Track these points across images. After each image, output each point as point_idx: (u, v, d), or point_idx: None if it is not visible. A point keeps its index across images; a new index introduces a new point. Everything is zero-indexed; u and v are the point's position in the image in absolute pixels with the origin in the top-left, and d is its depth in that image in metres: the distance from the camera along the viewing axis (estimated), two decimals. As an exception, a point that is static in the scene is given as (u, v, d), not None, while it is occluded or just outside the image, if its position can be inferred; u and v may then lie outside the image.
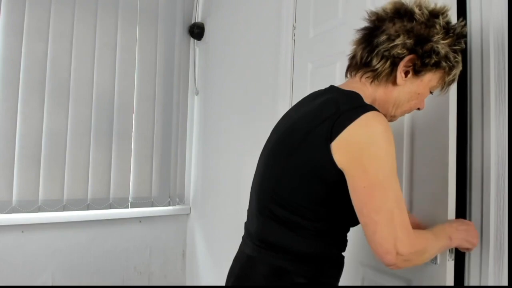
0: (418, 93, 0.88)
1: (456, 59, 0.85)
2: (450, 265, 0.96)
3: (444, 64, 0.84)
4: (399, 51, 0.83)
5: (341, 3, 1.49)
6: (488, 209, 0.98)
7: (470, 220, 1.03)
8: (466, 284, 1.03)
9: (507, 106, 0.97)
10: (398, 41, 0.82)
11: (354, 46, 0.91)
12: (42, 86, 1.96)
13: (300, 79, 1.69)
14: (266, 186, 0.88)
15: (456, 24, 0.86)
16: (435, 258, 1.00)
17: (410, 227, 0.76)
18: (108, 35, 2.16)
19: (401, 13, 0.84)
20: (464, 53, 1.07)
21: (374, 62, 0.85)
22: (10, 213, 1.86)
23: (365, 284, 1.27)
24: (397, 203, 0.75)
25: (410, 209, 1.14)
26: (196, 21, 2.52)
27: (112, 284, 2.12)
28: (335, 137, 0.76)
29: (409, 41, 0.82)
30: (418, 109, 0.94)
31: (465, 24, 0.87)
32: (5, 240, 1.84)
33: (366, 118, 0.76)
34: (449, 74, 0.87)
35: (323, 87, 0.99)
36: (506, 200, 0.96)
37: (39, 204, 1.94)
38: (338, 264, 0.91)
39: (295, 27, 1.73)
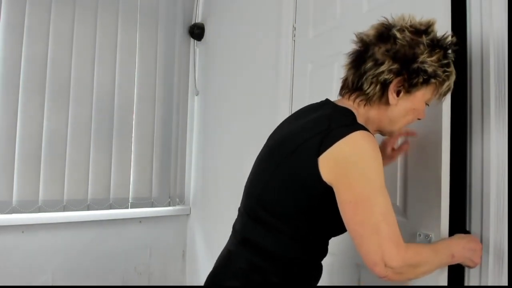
0: (414, 108, 0.90)
1: (446, 73, 0.86)
2: (443, 265, 0.96)
3: (433, 80, 0.85)
4: (386, 76, 0.84)
5: (339, 4, 1.49)
6: (488, 209, 0.98)
7: (469, 221, 1.04)
8: (466, 284, 1.03)
9: (507, 108, 0.97)
10: (383, 67, 0.84)
11: (346, 70, 0.94)
12: (42, 86, 1.96)
13: (300, 80, 1.69)
14: (255, 189, 0.93)
15: (442, 37, 0.86)
16: None
17: (400, 240, 0.78)
18: (108, 35, 2.16)
19: (384, 37, 0.86)
20: (464, 57, 1.07)
21: (365, 86, 0.87)
22: (10, 213, 1.86)
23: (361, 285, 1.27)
24: (384, 217, 0.77)
25: (404, 211, 1.14)
26: (196, 21, 2.52)
27: (112, 285, 2.12)
28: (323, 152, 0.79)
29: (394, 66, 0.84)
30: (419, 119, 0.95)
31: (451, 35, 0.88)
32: (5, 240, 1.84)
33: (354, 137, 0.79)
34: (441, 87, 0.88)
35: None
36: (506, 199, 0.96)
37: (39, 204, 1.94)
38: (314, 271, 0.94)
39: (295, 28, 1.73)
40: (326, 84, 1.49)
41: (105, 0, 2.15)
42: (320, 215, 0.85)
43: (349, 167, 0.78)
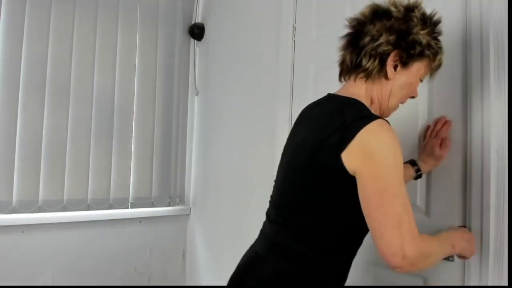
0: (410, 83, 0.94)
1: (438, 45, 0.92)
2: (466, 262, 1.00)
3: (428, 52, 0.90)
4: (385, 48, 0.88)
5: (348, 4, 1.47)
6: (488, 209, 0.99)
7: (469, 219, 1.04)
8: (466, 284, 1.03)
9: (507, 103, 0.97)
10: (381, 39, 0.88)
11: (342, 52, 0.97)
12: (42, 86, 1.95)
13: (301, 80, 1.69)
14: (284, 198, 0.94)
15: (430, 14, 0.91)
16: (452, 256, 1.03)
17: (416, 231, 0.79)
18: (108, 35, 2.16)
19: (379, 14, 0.90)
20: (464, 45, 1.08)
21: (364, 62, 0.90)
22: (10, 213, 1.86)
23: (372, 283, 1.27)
24: (405, 208, 0.78)
25: (426, 210, 1.14)
26: (196, 21, 2.52)
27: (112, 285, 2.12)
28: (346, 147, 0.79)
29: (391, 38, 0.88)
30: (412, 97, 0.99)
31: (437, 12, 0.93)
32: (5, 240, 1.84)
33: (374, 126, 0.80)
34: (434, 60, 0.92)
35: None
36: (506, 199, 0.96)
37: (39, 204, 1.93)
38: (341, 277, 0.94)
39: (295, 28, 1.73)
40: (329, 84, 1.48)
41: (105, 0, 2.15)
42: (352, 211, 0.85)
43: (373, 157, 0.78)
